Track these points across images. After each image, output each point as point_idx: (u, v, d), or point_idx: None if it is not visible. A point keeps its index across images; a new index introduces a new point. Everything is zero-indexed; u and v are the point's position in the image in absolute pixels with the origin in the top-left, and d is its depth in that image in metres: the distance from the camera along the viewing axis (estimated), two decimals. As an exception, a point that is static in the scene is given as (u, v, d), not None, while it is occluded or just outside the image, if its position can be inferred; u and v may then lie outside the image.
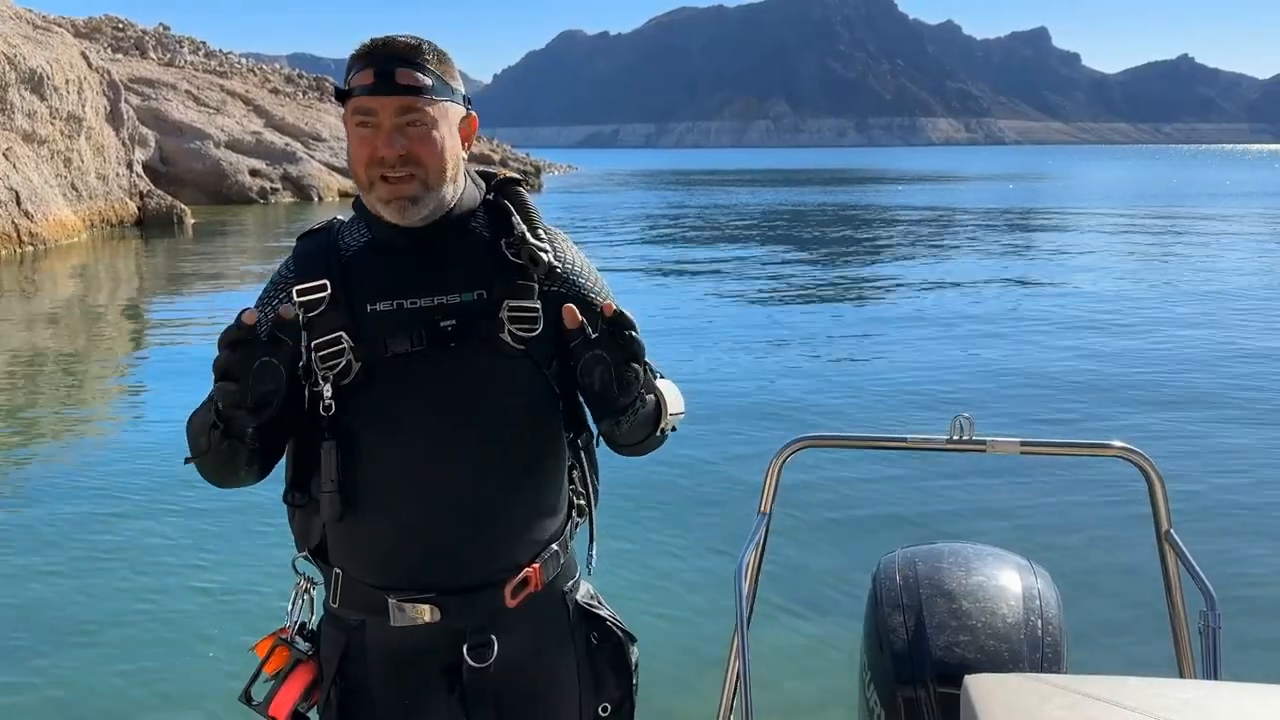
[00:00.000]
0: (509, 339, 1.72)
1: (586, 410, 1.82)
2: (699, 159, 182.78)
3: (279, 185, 38.78)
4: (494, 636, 1.76)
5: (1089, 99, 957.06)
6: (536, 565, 1.80)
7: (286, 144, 41.11)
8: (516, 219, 1.78)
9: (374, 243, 1.76)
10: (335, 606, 1.80)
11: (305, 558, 1.84)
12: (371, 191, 1.68)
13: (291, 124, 43.69)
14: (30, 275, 18.77)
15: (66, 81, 25.90)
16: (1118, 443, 2.43)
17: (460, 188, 1.76)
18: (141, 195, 29.18)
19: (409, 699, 1.78)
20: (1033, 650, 2.03)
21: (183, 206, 29.35)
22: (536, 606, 1.81)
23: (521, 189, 1.86)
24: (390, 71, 1.63)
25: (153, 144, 34.80)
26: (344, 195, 41.50)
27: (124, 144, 29.53)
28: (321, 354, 1.68)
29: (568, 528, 1.89)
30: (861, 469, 6.62)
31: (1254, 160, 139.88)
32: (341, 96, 1.68)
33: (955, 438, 2.39)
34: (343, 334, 1.69)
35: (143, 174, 30.79)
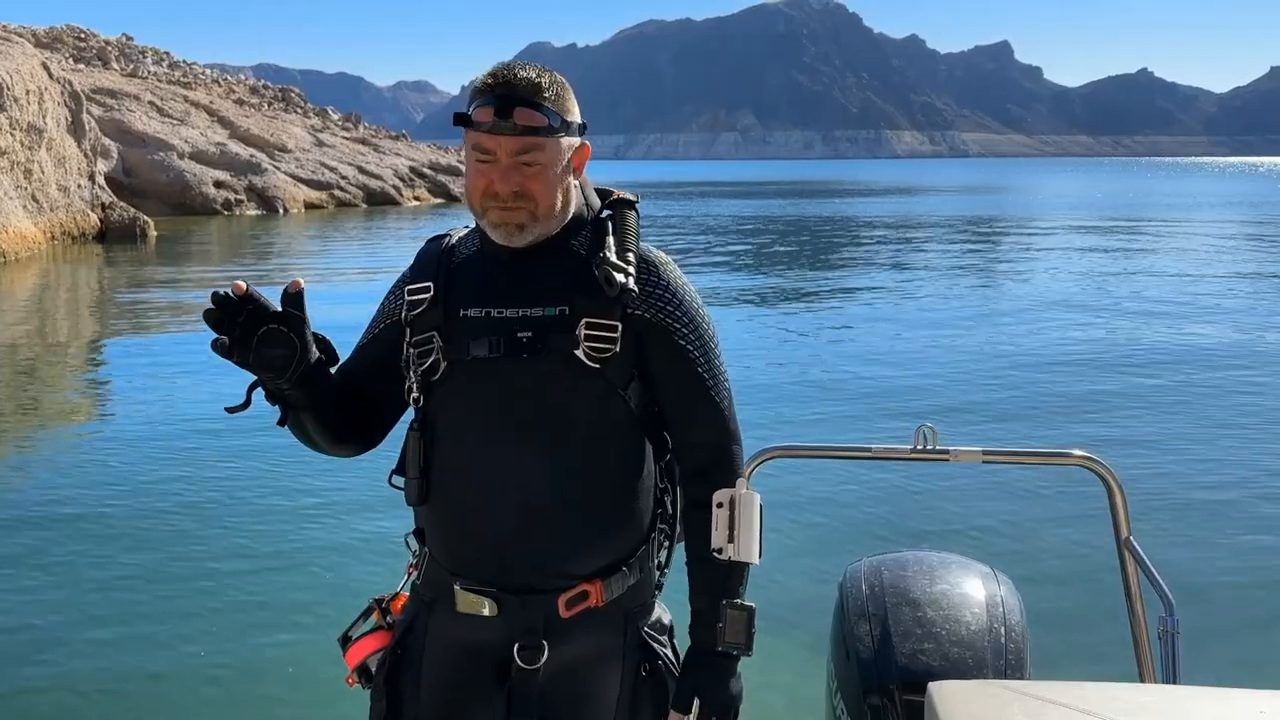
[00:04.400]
0: (583, 356, 1.75)
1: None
2: (668, 170, 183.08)
3: (243, 197, 38.39)
4: (545, 642, 1.80)
5: (1051, 112, 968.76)
6: (599, 582, 1.81)
7: (252, 155, 40.73)
8: (610, 239, 1.80)
9: (482, 253, 1.85)
10: (418, 582, 1.92)
11: (412, 535, 1.96)
12: (484, 217, 1.77)
13: (257, 135, 43.31)
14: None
15: (27, 92, 25.54)
16: (1078, 451, 2.47)
17: (570, 213, 1.81)
18: (104, 207, 28.78)
19: (457, 685, 1.85)
20: (996, 657, 2.06)
21: (145, 218, 28.95)
22: (594, 621, 1.83)
23: (631, 210, 1.87)
24: (509, 111, 1.69)
25: (115, 155, 34.38)
26: (309, 207, 41.12)
27: (86, 155, 29.14)
28: (417, 351, 1.81)
29: (648, 550, 1.90)
30: (827, 479, 6.65)
31: (1212, 172, 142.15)
32: (461, 122, 1.73)
33: (919, 447, 2.42)
34: (435, 334, 1.80)
35: (105, 186, 30.36)
